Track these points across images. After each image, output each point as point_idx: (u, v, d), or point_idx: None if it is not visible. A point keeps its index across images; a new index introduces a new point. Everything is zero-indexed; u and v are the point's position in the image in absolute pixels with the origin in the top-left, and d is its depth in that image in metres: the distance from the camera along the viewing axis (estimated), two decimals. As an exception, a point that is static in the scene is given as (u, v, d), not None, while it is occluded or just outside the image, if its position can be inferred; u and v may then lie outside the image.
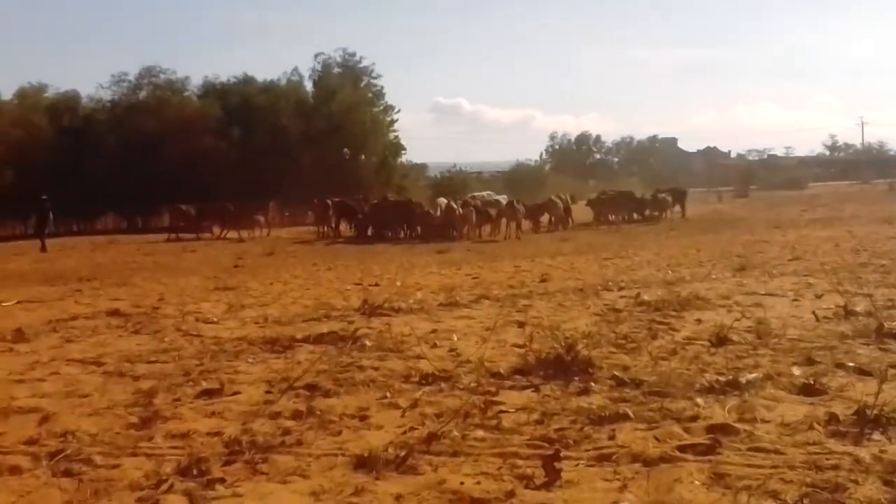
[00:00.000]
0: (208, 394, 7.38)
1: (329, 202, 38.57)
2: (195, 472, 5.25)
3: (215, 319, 12.23)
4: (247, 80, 58.58)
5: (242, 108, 54.62)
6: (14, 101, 53.27)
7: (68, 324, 12.11)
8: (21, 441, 6.08)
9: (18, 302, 15.50)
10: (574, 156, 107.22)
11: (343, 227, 38.56)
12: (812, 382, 6.82)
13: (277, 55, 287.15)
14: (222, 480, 5.13)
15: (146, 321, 12.16)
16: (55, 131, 50.91)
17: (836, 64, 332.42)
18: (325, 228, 38.27)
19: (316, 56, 60.91)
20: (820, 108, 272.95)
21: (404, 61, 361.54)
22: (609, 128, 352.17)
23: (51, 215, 35.83)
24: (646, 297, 12.43)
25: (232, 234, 37.39)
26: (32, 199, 36.40)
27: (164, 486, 5.06)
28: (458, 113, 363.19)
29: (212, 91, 56.80)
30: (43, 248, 32.96)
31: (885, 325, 9.04)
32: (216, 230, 38.93)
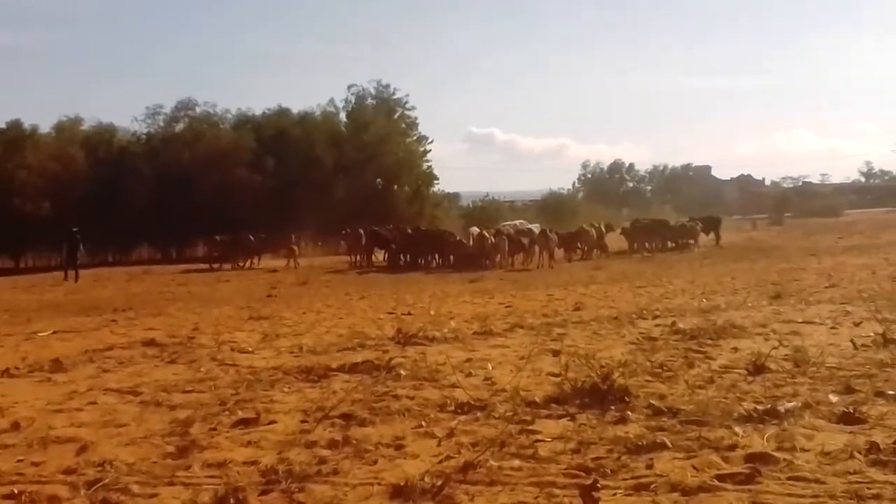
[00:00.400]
0: (244, 423, 7.39)
1: (361, 231, 38.72)
2: (232, 501, 5.26)
3: (250, 349, 12.27)
4: (281, 112, 59.05)
5: (276, 139, 55.04)
6: (52, 133, 53.93)
7: (104, 354, 12.18)
8: (60, 470, 6.11)
9: (55, 332, 15.64)
10: (607, 184, 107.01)
11: (375, 256, 38.67)
12: (852, 411, 6.74)
13: (310, 86, 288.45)
14: (259, 510, 5.13)
15: (182, 351, 12.22)
16: (91, 164, 51.46)
17: (872, 91, 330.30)
18: (358, 258, 38.36)
19: (349, 87, 61.48)
20: (856, 135, 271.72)
21: (438, 92, 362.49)
22: (643, 156, 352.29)
23: (81, 247, 36.27)
24: (681, 326, 12.35)
25: (260, 264, 37.91)
26: (64, 231, 36.90)
27: (202, 516, 5.07)
28: (491, 142, 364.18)
29: (246, 123, 57.28)
30: (75, 278, 33.59)
31: (925, 352, 8.94)
32: (240, 262, 39.26)
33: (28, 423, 7.76)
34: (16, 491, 5.60)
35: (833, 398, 7.30)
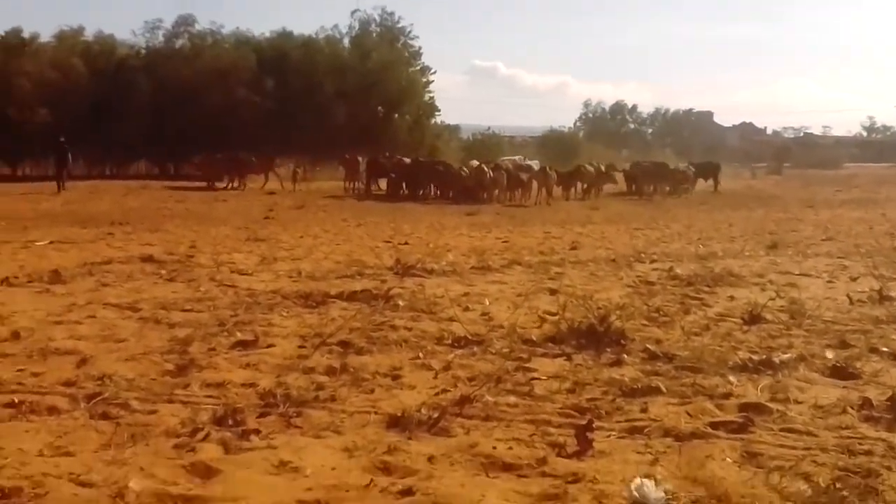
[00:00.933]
0: (243, 345, 7.43)
1: (359, 158, 38.62)
2: (230, 422, 5.30)
3: (249, 271, 12.32)
4: (283, 34, 58.41)
5: (278, 61, 54.45)
6: (52, 42, 53.31)
7: (103, 267, 12.21)
8: (59, 382, 6.15)
9: (51, 242, 15.66)
10: (608, 124, 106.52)
11: (375, 184, 38.58)
12: (845, 366, 6.79)
13: (315, 12, 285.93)
14: (257, 432, 5.17)
15: (180, 269, 12.26)
16: (91, 74, 50.87)
17: (877, 46, 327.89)
18: (356, 184, 38.26)
19: (353, 13, 60.74)
20: (859, 89, 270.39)
21: (442, 22, 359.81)
22: (646, 98, 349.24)
23: (70, 157, 36.37)
24: (678, 271, 12.39)
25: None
26: (53, 142, 36.95)
27: (200, 435, 5.11)
28: (494, 76, 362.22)
29: (247, 43, 56.68)
30: (60, 188, 33.80)
31: (921, 311, 8.99)
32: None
33: (28, 333, 7.80)
34: (16, 400, 5.63)
35: (828, 352, 7.34)
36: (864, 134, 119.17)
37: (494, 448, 4.97)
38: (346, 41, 60.19)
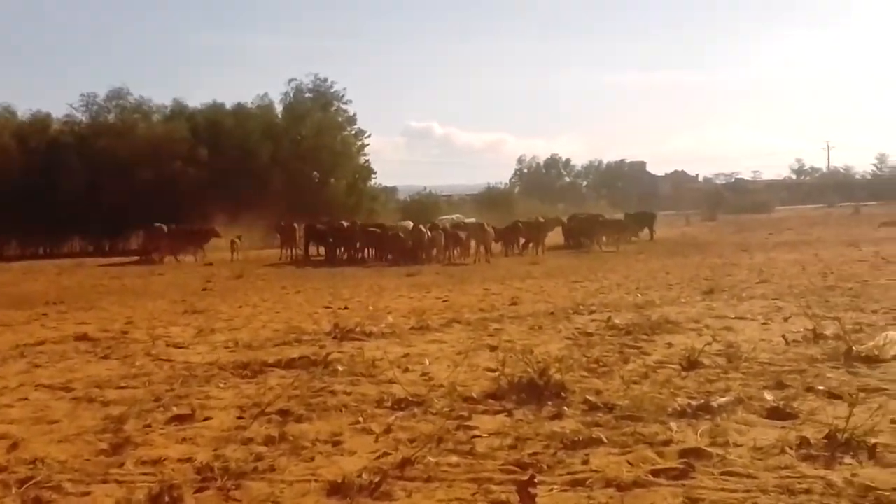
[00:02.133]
0: (179, 419, 7.31)
1: (295, 225, 38.56)
2: (167, 499, 5.21)
3: (185, 344, 12.14)
4: (215, 105, 58.37)
5: (211, 131, 54.32)
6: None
7: (36, 349, 11.96)
8: (-10, 468, 6.00)
9: (-17, 326, 15.33)
10: (543, 179, 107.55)
11: (313, 249, 38.45)
12: (783, 406, 6.88)
13: (246, 81, 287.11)
14: (195, 508, 5.09)
15: (115, 346, 12.04)
16: (23, 154, 50.35)
17: (804, 89, 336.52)
18: (293, 251, 38.15)
19: (289, 81, 60.99)
20: (788, 132, 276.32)
21: (376, 85, 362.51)
22: (580, 151, 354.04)
23: None
24: (616, 321, 12.48)
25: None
26: None
27: (136, 514, 5.01)
28: (429, 136, 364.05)
29: (180, 114, 56.50)
30: None
31: (854, 348, 9.13)
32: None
33: (-43, 419, 7.61)
34: (-55, 489, 5.49)
35: (765, 394, 7.42)
36: (794, 177, 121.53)
37: (436, 510, 4.93)
38: (279, 108, 60.38)
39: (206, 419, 7.34)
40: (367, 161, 62.68)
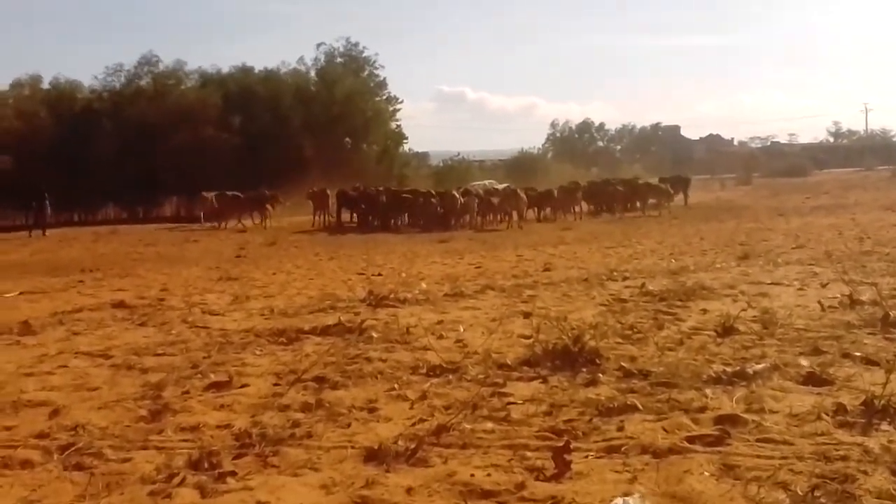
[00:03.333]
0: (217, 386, 7.38)
1: (327, 192, 38.63)
2: (206, 465, 5.26)
3: (221, 311, 12.23)
4: (246, 70, 58.39)
5: (243, 97, 54.46)
6: (11, 91, 53.06)
7: (74, 316, 12.09)
8: (32, 434, 6.07)
9: (21, 293, 15.51)
10: (576, 143, 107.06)
11: (345, 216, 38.53)
12: (819, 372, 6.83)
13: (278, 47, 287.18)
14: (233, 474, 5.13)
15: (152, 313, 12.16)
16: (54, 122, 50.69)
17: (840, 50, 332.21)
18: (325, 218, 38.23)
19: (318, 46, 60.94)
20: (824, 95, 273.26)
21: (408, 49, 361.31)
22: (613, 115, 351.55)
23: (48, 206, 37.71)
24: (651, 287, 12.43)
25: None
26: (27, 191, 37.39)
27: (176, 480, 5.06)
28: (461, 101, 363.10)
29: (211, 81, 56.60)
30: (42, 233, 35.28)
31: (891, 314, 9.02)
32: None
33: (-1, 386, 7.73)
34: (-12, 455, 5.58)
35: (801, 360, 7.37)
36: (831, 140, 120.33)
37: (472, 476, 4.96)
38: (311, 73, 60.35)
39: (243, 386, 7.39)
40: (398, 127, 62.92)
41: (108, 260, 23.65)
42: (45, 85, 54.46)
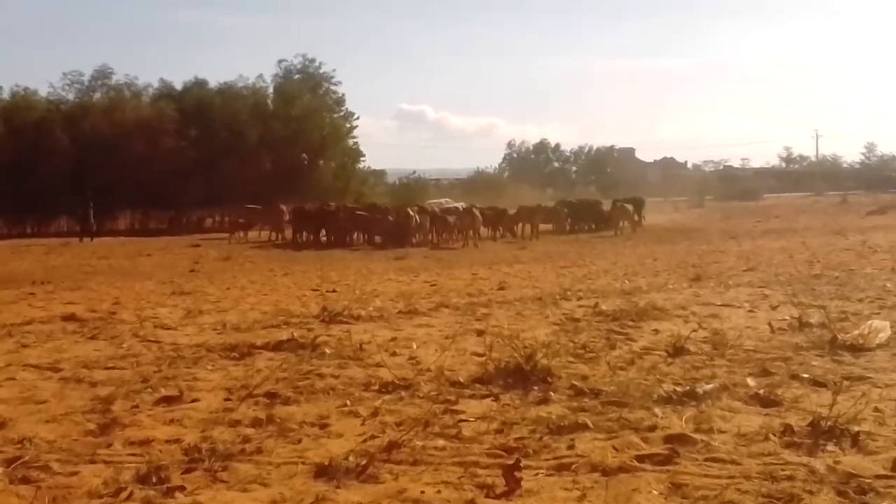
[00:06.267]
0: (167, 401, 7.32)
1: (282, 207, 38.51)
2: (154, 479, 5.22)
3: (173, 325, 12.14)
4: (202, 85, 58.05)
5: (199, 111, 54.11)
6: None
7: (23, 328, 11.93)
8: (-23, 448, 6.00)
9: (-30, 305, 15.29)
10: (532, 164, 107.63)
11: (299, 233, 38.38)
12: (767, 393, 6.93)
13: (235, 63, 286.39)
14: (182, 488, 5.10)
15: (103, 326, 12.04)
16: (8, 132, 50.07)
17: (793, 77, 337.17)
18: (280, 234, 38.10)
19: (279, 62, 60.86)
20: (777, 120, 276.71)
21: (370, 68, 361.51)
22: (571, 137, 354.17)
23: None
24: (604, 307, 12.51)
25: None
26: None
27: (124, 494, 5.02)
28: (422, 120, 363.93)
29: (167, 94, 56.22)
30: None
31: (839, 336, 9.19)
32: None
33: (-56, 399, 7.61)
34: (-68, 469, 5.49)
35: (750, 381, 7.47)
36: (783, 165, 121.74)
37: (423, 492, 4.98)
38: (269, 89, 60.23)
39: (193, 401, 7.34)
40: (356, 143, 62.82)
41: (59, 272, 23.34)
42: (5, 95, 53.88)
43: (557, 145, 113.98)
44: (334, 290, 16.90)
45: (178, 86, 57.62)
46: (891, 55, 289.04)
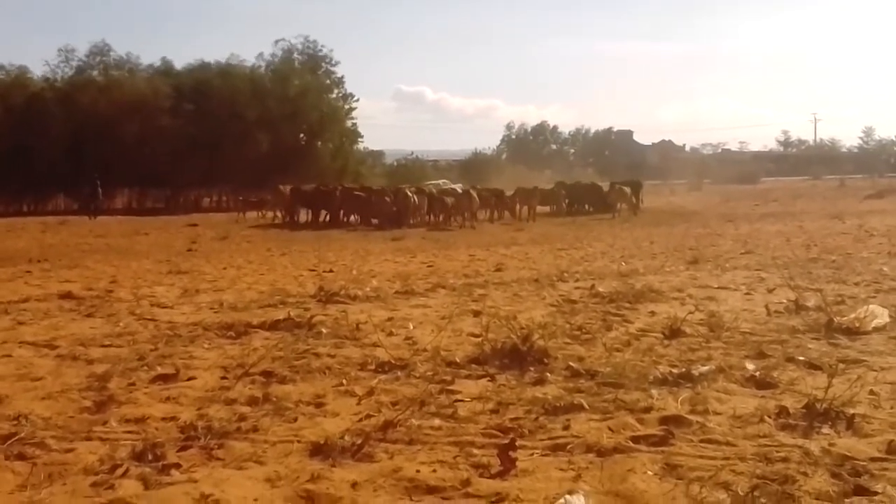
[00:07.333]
0: (163, 379, 7.32)
1: (281, 187, 38.48)
2: (150, 457, 5.21)
3: (170, 304, 12.13)
4: (202, 64, 57.94)
5: (197, 90, 53.99)
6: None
7: (20, 306, 11.93)
8: (-27, 424, 6.00)
9: (-33, 282, 15.28)
10: (531, 146, 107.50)
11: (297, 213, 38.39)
12: (763, 376, 6.93)
13: (234, 43, 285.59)
14: (178, 466, 5.10)
15: (99, 304, 12.04)
16: (3, 110, 49.85)
17: (792, 61, 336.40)
18: (279, 214, 38.09)
19: (276, 42, 60.75)
20: (775, 104, 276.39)
21: (368, 48, 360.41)
22: (571, 119, 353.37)
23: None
24: (600, 289, 12.52)
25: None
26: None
27: (119, 471, 5.01)
28: (421, 101, 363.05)
29: (166, 72, 56.05)
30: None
31: (835, 319, 9.17)
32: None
33: (-60, 375, 7.60)
34: (-73, 444, 5.49)
35: (746, 363, 7.47)
36: (781, 148, 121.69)
37: (418, 471, 4.96)
38: (267, 69, 60.04)
39: (189, 379, 7.34)
40: (354, 124, 62.80)
41: (56, 251, 23.35)
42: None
43: (555, 127, 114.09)
44: (331, 271, 16.90)
45: (178, 65, 57.54)
46: (890, 40, 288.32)
